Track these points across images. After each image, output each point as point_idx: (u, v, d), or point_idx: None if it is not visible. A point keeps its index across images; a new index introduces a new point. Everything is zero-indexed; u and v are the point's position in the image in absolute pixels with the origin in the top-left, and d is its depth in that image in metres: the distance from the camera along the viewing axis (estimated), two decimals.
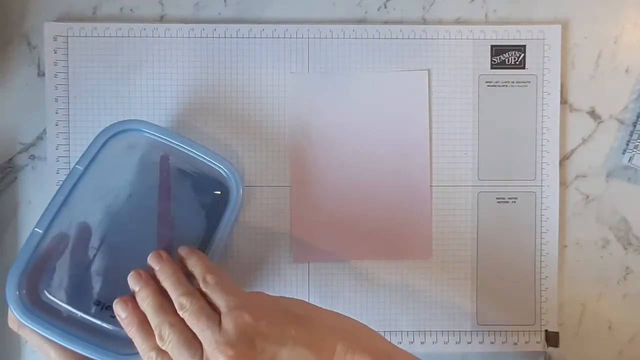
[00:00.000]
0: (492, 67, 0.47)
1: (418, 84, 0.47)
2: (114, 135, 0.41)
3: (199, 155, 0.42)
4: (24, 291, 0.38)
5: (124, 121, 0.42)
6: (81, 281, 0.40)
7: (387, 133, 0.46)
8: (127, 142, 0.42)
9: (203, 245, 0.42)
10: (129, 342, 0.36)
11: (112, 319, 0.38)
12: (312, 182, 0.46)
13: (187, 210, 0.43)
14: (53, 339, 0.36)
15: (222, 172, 0.42)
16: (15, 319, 0.37)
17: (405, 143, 0.47)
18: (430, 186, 0.47)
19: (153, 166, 0.43)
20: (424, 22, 0.47)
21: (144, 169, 0.43)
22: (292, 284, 0.46)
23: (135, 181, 0.43)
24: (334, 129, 0.46)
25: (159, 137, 0.42)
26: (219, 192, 0.43)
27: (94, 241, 0.41)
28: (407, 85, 0.47)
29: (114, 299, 0.37)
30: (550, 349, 0.47)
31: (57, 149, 0.46)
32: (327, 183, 0.46)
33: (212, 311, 0.33)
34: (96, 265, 0.40)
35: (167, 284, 0.35)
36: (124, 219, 0.41)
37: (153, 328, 0.34)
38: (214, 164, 0.42)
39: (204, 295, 0.35)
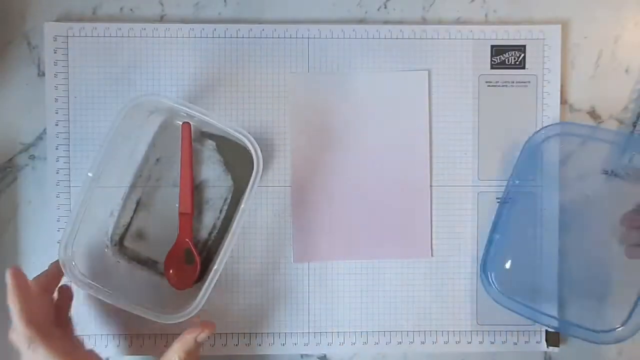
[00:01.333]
0: (492, 67, 0.47)
1: (418, 84, 0.47)
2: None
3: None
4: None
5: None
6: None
7: (387, 133, 0.46)
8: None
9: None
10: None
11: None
12: (313, 182, 0.46)
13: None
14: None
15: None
16: None
17: (405, 143, 0.46)
18: (430, 186, 0.47)
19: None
20: (424, 22, 0.47)
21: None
22: (292, 284, 0.46)
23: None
24: (334, 129, 0.46)
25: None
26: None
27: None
28: (407, 85, 0.47)
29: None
30: (550, 348, 0.47)
31: (57, 149, 0.46)
32: (327, 183, 0.46)
33: None
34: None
35: None
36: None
37: None
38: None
39: None
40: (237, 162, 0.46)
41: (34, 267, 0.46)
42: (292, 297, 0.46)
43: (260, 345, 0.46)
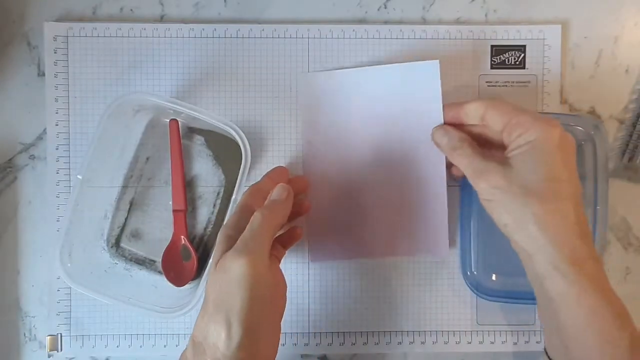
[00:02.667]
0: (492, 67, 0.47)
1: (430, 75, 0.45)
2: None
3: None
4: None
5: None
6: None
7: (398, 128, 0.45)
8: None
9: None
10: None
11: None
12: (322, 180, 0.46)
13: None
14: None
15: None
16: None
17: (418, 141, 0.45)
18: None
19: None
20: (424, 22, 0.47)
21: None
22: (291, 283, 0.46)
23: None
24: (344, 127, 0.46)
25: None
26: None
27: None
28: (418, 80, 0.45)
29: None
30: None
31: (57, 149, 0.46)
32: (340, 182, 0.46)
33: None
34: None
35: None
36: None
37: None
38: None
39: None
40: (227, 155, 0.46)
41: (34, 267, 0.46)
42: (292, 297, 0.46)
43: None
